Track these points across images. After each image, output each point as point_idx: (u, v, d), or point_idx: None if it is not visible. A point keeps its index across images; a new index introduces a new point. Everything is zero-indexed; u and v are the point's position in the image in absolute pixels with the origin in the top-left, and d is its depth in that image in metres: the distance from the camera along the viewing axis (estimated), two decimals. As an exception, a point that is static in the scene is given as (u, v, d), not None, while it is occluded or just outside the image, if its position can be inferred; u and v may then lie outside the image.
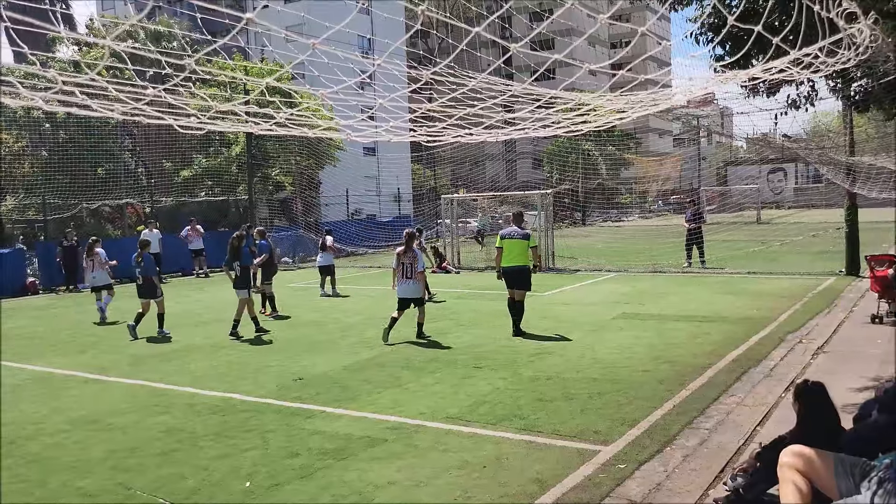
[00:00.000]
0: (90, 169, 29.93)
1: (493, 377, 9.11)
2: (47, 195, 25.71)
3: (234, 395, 8.73)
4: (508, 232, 12.28)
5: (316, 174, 35.17)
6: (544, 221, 22.98)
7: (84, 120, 29.68)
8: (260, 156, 31.81)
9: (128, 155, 33.87)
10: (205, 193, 32.54)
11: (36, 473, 6.35)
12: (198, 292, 20.37)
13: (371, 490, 5.68)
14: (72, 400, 8.87)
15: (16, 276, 21.62)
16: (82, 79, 4.97)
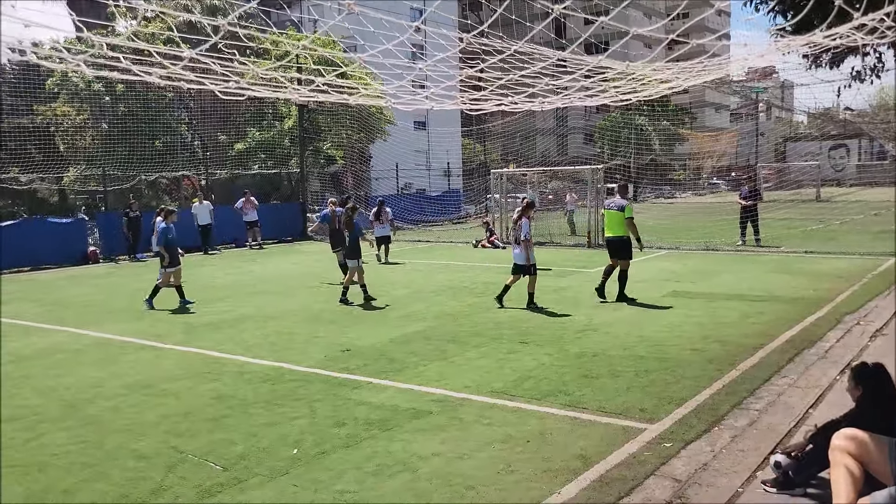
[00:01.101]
0: (148, 141, 30.62)
1: (539, 353, 9.09)
2: (108, 167, 26.39)
3: (284, 365, 8.89)
4: (608, 203, 13.13)
5: (367, 148, 35.35)
6: (594, 198, 22.68)
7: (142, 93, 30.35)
8: (312, 129, 32.07)
9: (184, 128, 34.53)
10: (258, 166, 33.02)
11: (94, 435, 6.59)
12: (250, 263, 20.74)
13: (415, 461, 5.74)
14: (128, 365, 9.16)
15: (77, 245, 22.32)
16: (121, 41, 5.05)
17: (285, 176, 33.62)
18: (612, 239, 12.70)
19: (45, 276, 19.22)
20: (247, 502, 5.12)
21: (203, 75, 6.20)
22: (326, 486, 5.33)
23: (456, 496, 5.11)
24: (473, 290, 14.19)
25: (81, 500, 5.21)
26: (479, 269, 17.70)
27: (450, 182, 41.23)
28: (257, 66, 6.81)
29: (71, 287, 16.92)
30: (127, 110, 31.21)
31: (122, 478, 5.58)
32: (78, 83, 31.42)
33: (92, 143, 31.46)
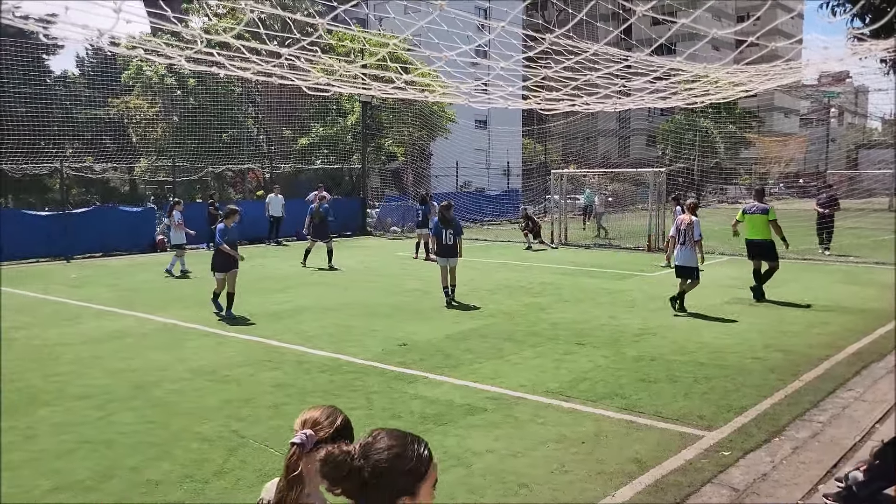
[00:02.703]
0: (216, 134, 31.43)
1: (595, 354, 9.02)
2: (177, 158, 27.19)
3: (341, 356, 9.04)
4: (749, 207, 13.34)
5: (427, 145, 35.56)
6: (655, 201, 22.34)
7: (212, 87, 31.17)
8: (374, 126, 32.41)
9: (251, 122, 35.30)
10: (320, 161, 33.55)
11: (160, 416, 6.83)
12: (313, 256, 21.06)
13: (469, 456, 5.78)
14: (192, 351, 9.45)
15: (146, 234, 23.06)
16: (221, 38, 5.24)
17: (346, 171, 34.08)
18: (758, 241, 13.04)
19: (116, 263, 19.93)
20: (304, 488, 5.24)
21: (290, 71, 6.38)
22: (381, 476, 5.41)
23: (509, 493, 5.14)
24: (530, 290, 14.16)
25: (147, 478, 5.41)
26: (536, 269, 17.64)
27: (509, 182, 41.11)
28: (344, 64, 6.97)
29: (139, 273, 17.50)
30: (197, 104, 32.09)
31: (186, 458, 5.78)
32: (152, 77, 32.46)
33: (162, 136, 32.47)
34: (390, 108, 33.23)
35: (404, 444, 1.85)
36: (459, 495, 5.11)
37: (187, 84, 32.35)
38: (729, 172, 50.90)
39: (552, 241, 23.38)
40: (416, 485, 1.81)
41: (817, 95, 65.96)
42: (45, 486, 5.29)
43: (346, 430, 2.26)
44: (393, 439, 1.85)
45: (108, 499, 5.06)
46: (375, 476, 1.78)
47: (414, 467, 1.82)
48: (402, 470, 1.80)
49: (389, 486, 1.78)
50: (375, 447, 1.83)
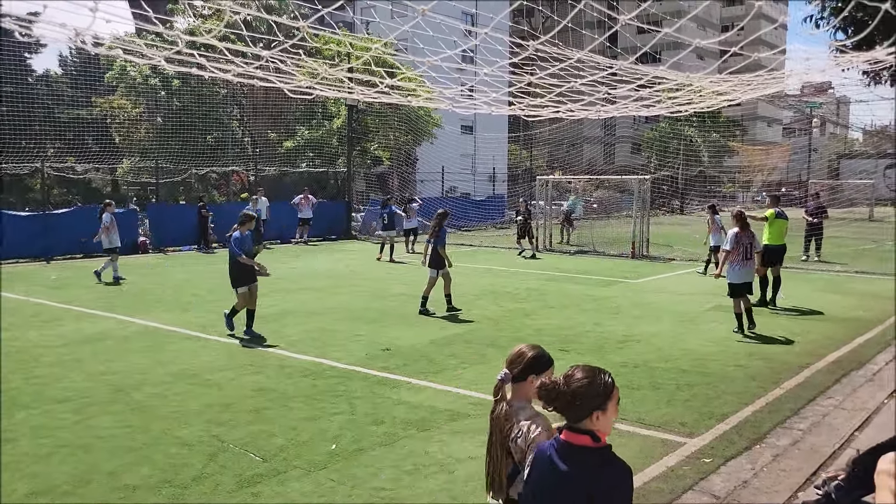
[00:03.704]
0: (200, 136, 31.25)
1: (579, 361, 9.00)
2: (160, 159, 27.02)
3: (324, 361, 9.00)
4: (780, 212, 13.34)
5: (413, 150, 35.56)
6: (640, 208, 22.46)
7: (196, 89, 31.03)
8: (360, 129, 32.38)
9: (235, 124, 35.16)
10: (306, 164, 33.47)
11: (139, 420, 6.76)
12: (294, 259, 21.02)
13: (452, 462, 5.76)
14: (174, 354, 9.36)
15: (128, 235, 22.85)
16: (203, 39, 5.21)
17: (332, 175, 34.02)
18: (779, 247, 13.08)
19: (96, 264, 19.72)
20: (285, 494, 5.20)
21: (274, 74, 6.36)
22: (363, 482, 5.39)
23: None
24: (515, 296, 14.17)
25: (125, 482, 5.35)
26: (521, 275, 17.66)
27: (494, 187, 41.21)
28: (327, 67, 6.95)
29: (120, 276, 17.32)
30: (181, 105, 31.92)
31: (165, 463, 5.72)
32: (136, 77, 32.26)
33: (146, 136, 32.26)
34: (376, 112, 33.22)
35: (594, 374, 2.62)
36: (442, 501, 5.09)
37: (171, 85, 32.17)
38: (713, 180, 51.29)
39: (534, 247, 23.01)
40: (604, 403, 2.58)
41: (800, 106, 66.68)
42: (23, 489, 5.21)
43: (536, 362, 3.21)
44: (586, 372, 2.63)
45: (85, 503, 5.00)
46: (576, 398, 2.57)
47: (602, 391, 2.58)
48: (594, 393, 2.57)
49: (586, 404, 2.57)
50: (574, 378, 2.62)
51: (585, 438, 2.56)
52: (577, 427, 2.59)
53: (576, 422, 2.59)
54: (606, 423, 2.59)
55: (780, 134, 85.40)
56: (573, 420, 2.60)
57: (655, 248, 22.62)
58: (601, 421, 2.57)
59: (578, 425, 2.58)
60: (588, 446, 2.56)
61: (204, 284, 15.61)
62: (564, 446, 2.59)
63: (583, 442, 2.56)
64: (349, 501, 5.09)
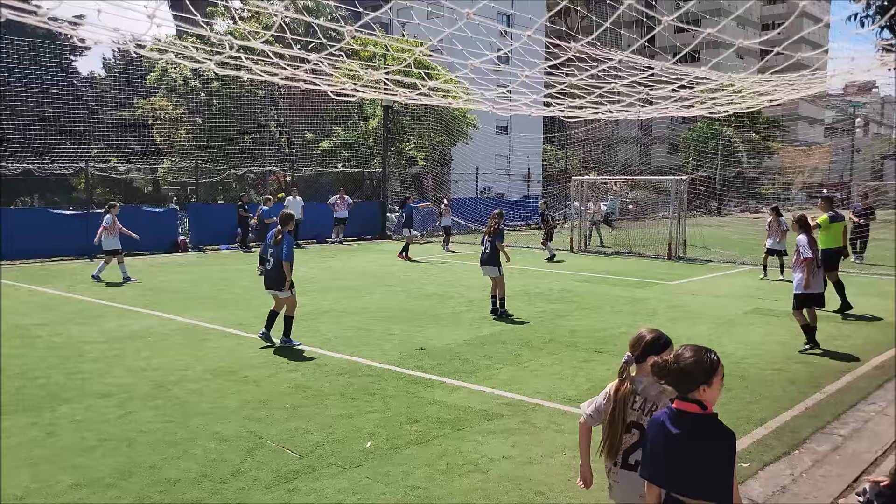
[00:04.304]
0: (238, 137, 31.68)
1: (614, 363, 8.95)
2: (200, 160, 27.45)
3: (359, 360, 9.07)
4: (834, 215, 12.87)
5: (448, 151, 35.61)
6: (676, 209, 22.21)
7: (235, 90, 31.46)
8: (395, 130, 32.52)
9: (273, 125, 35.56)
10: (341, 165, 33.72)
11: (179, 415, 6.89)
12: (330, 259, 21.20)
13: (485, 462, 5.78)
14: (212, 351, 9.52)
15: (168, 234, 23.28)
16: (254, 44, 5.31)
17: (367, 175, 34.22)
18: (836, 250, 12.72)
19: (138, 262, 20.13)
20: (321, 490, 5.26)
21: (315, 76, 6.45)
22: (397, 480, 5.43)
23: (524, 500, 5.13)
24: (549, 297, 14.12)
25: (166, 476, 5.46)
26: (554, 275, 17.60)
27: (529, 187, 41.09)
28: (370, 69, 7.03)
29: (161, 273, 17.67)
30: (220, 106, 32.39)
31: (205, 458, 5.82)
32: (176, 79, 32.81)
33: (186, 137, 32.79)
34: (412, 112, 33.34)
35: (700, 353, 3.02)
36: (476, 501, 5.11)
37: (211, 87, 32.67)
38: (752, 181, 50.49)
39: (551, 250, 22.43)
40: (709, 378, 2.98)
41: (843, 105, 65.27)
42: (66, 482, 5.35)
43: (651, 345, 3.63)
44: (693, 351, 3.03)
45: (127, 496, 5.12)
46: (684, 373, 2.99)
47: (708, 367, 2.98)
48: (700, 370, 2.98)
49: (693, 379, 2.98)
50: (683, 356, 3.03)
51: (694, 406, 2.99)
52: (686, 397, 3.01)
53: (685, 394, 3.01)
54: (712, 395, 3.00)
55: (821, 134, 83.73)
56: (683, 392, 3.02)
57: (692, 249, 22.36)
58: (707, 393, 2.99)
59: (688, 396, 3.01)
60: (696, 413, 2.99)
61: (242, 283, 15.83)
62: (676, 414, 3.02)
63: (692, 409, 2.99)
64: (384, 499, 5.13)
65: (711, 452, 2.97)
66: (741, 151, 47.60)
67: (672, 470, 3.04)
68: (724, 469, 2.98)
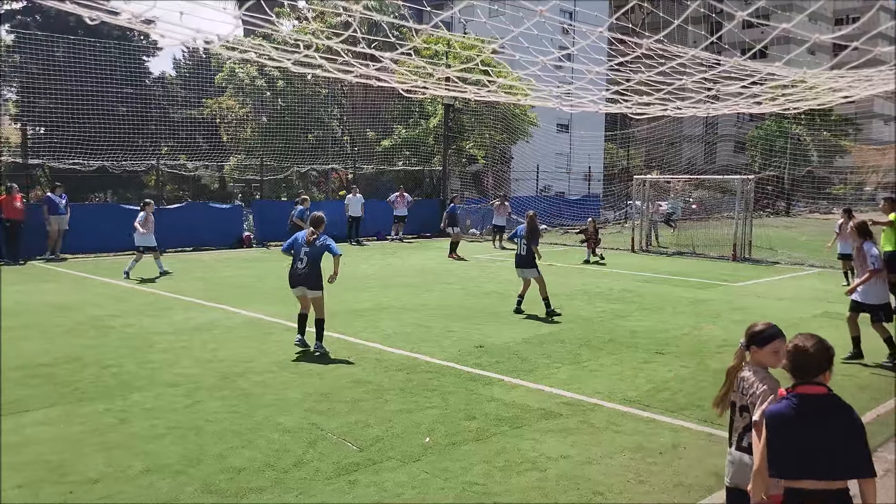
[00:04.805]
0: (302, 135, 32.25)
1: (675, 364, 8.85)
2: (265, 157, 28.06)
3: (419, 356, 9.16)
4: None
5: (508, 149, 35.52)
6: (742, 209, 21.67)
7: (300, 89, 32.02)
8: (456, 128, 32.60)
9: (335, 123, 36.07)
10: (402, 162, 33.97)
11: (244, 406, 7.09)
12: (390, 256, 21.41)
13: (543, 461, 5.77)
14: (276, 345, 9.74)
15: (233, 230, 23.88)
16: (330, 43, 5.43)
17: (427, 173, 34.40)
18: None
19: (205, 257, 20.73)
20: (380, 483, 5.34)
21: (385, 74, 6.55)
22: (455, 476, 5.47)
23: (583, 500, 5.10)
24: (609, 297, 13.98)
25: (231, 465, 5.63)
26: (615, 275, 17.39)
27: (590, 186, 40.66)
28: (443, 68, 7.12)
29: (226, 268, 18.15)
30: (285, 105, 33.02)
31: (268, 448, 5.98)
32: (243, 79, 33.59)
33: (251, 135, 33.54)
34: (472, 110, 33.36)
35: (821, 340, 3.35)
36: (534, 499, 5.11)
37: (276, 86, 33.33)
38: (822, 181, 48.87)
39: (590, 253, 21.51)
40: (831, 364, 3.35)
41: (921, 102, 62.47)
42: (138, 467, 5.56)
43: (757, 336, 3.97)
44: (815, 339, 3.36)
45: (194, 482, 5.29)
46: (812, 359, 3.30)
47: (829, 354, 3.33)
48: (824, 357, 3.31)
49: (817, 366, 3.30)
50: (808, 346, 3.33)
51: (821, 389, 3.29)
52: (812, 381, 3.29)
53: (811, 378, 3.30)
54: (829, 379, 3.34)
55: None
56: (808, 377, 3.30)
57: (758, 251, 21.80)
58: (827, 377, 3.33)
59: (813, 381, 3.30)
60: (823, 394, 3.27)
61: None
62: (803, 398, 3.26)
63: (818, 391, 3.27)
64: (442, 494, 5.18)
65: (846, 428, 3.18)
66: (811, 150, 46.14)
67: (806, 456, 3.20)
68: (860, 441, 3.19)
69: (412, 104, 33.51)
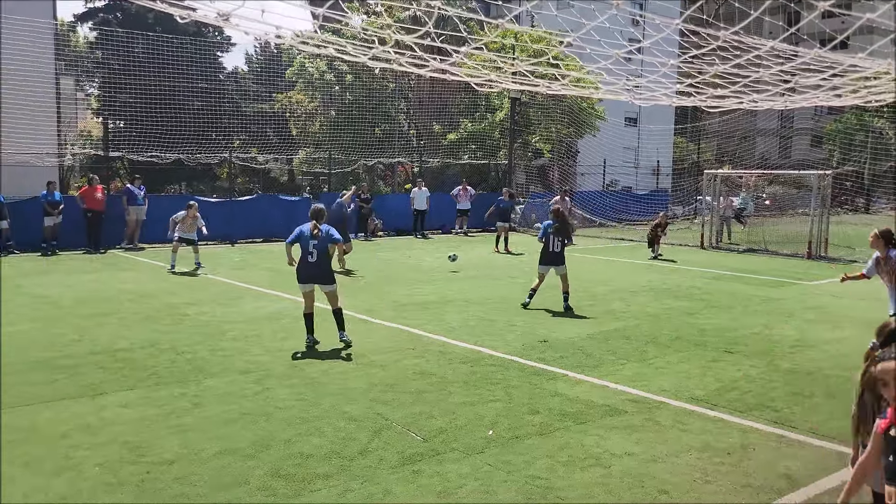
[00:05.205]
0: (369, 129, 32.61)
1: (745, 364, 8.64)
2: (333, 151, 28.50)
3: (482, 349, 9.19)
4: None
5: (574, 143, 35.14)
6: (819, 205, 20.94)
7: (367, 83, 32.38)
8: (522, 122, 32.44)
9: (402, 117, 36.34)
10: (468, 156, 34.00)
11: (311, 394, 7.25)
12: (454, 250, 21.45)
13: (608, 457, 5.73)
14: (342, 335, 9.90)
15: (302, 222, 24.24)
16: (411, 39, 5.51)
17: (493, 167, 34.35)
18: None
19: (275, 248, 21.19)
20: (444, 474, 5.40)
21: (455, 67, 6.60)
22: (518, 469, 5.49)
23: (648, 498, 5.05)
24: (676, 294, 13.72)
25: (299, 451, 5.77)
26: (683, 272, 17.06)
27: (658, 181, 39.90)
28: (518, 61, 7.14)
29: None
30: (353, 99, 33.44)
31: (335, 436, 6.11)
32: (313, 73, 34.16)
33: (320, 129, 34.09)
34: (539, 104, 33.13)
35: None
36: (597, 495, 5.09)
37: (345, 80, 33.79)
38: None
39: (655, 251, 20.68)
40: None
41: None
42: (211, 449, 5.76)
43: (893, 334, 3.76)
44: None
45: (264, 466, 5.45)
46: None
47: None
48: None
49: None
50: None
51: None
52: None
53: None
54: None
55: None
56: None
57: (835, 248, 21.04)
58: None
59: None
60: None
61: (370, 271, 16.37)
62: None
63: None
64: (504, 487, 5.20)
65: None
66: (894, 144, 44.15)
67: None
68: None
69: (478, 98, 33.48)
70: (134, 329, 10.10)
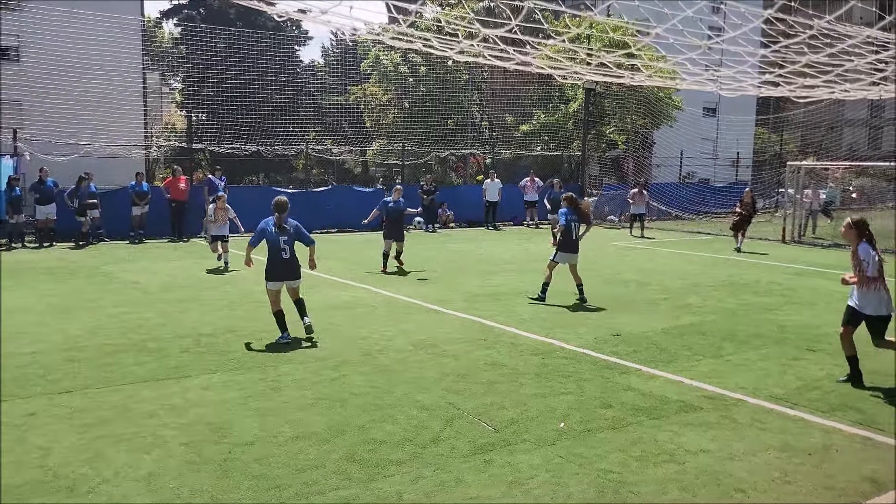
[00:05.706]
0: (442, 120, 32.76)
1: (828, 362, 8.35)
2: (406, 142, 28.76)
3: (554, 342, 9.16)
4: None
5: (650, 134, 34.45)
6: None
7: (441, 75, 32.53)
8: (596, 113, 32.00)
9: (475, 109, 36.35)
10: (540, 148, 33.78)
11: (385, 382, 7.38)
12: (526, 242, 21.41)
13: (682, 454, 5.65)
14: (414, 325, 10.04)
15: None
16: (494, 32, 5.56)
17: (566, 158, 34.02)
18: None
19: (349, 238, 21.57)
20: (515, 464, 5.42)
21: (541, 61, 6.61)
22: (590, 462, 5.47)
23: (724, 496, 4.96)
24: (756, 289, 13.34)
25: (373, 437, 5.90)
26: (762, 267, 16.56)
27: (737, 173, 38.74)
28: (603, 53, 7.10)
29: (368, 249, 18.79)
30: (426, 91, 33.64)
31: (408, 423, 6.21)
32: (387, 66, 34.51)
33: (393, 121, 34.45)
34: (614, 94, 32.58)
35: None
36: (672, 492, 5.02)
37: (419, 72, 34.01)
38: None
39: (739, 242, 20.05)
40: None
41: None
42: (288, 433, 5.95)
43: None
44: None
45: (338, 451, 5.59)
46: None
47: None
48: None
49: None
50: None
51: None
52: None
53: None
54: None
55: None
56: None
57: (929, 244, 20.02)
58: None
59: None
60: None
61: (442, 262, 16.49)
62: None
63: None
64: (576, 480, 5.19)
65: None
66: None
67: None
68: None
69: (552, 89, 33.18)
70: (216, 315, 10.47)
